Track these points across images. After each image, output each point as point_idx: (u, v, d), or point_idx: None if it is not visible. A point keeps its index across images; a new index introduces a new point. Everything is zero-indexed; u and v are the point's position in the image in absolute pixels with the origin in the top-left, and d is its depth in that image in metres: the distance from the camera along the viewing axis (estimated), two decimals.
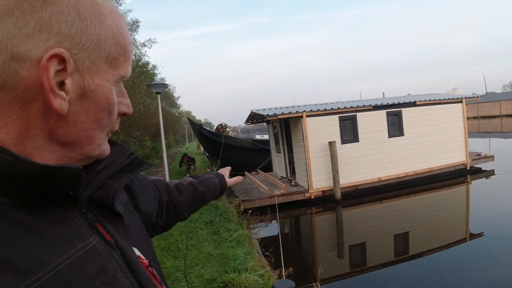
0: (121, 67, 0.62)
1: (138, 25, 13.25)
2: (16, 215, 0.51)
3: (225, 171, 1.54)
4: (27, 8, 0.50)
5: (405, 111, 12.50)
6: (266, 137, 20.37)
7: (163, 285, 0.86)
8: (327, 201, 11.37)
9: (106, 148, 0.65)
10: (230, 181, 1.49)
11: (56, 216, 0.56)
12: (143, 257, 0.74)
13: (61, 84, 0.53)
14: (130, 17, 13.15)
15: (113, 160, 0.70)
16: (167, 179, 11.60)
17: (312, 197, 11.38)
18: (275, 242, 6.99)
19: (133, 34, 13.27)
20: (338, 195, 11.16)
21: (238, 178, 1.55)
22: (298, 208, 11.12)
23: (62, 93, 0.53)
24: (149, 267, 0.74)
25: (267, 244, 7.35)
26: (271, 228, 9.80)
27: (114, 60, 0.61)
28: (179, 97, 48.57)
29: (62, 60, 0.52)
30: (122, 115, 0.67)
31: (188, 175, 10.84)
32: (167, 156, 12.13)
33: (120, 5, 11.14)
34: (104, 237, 0.63)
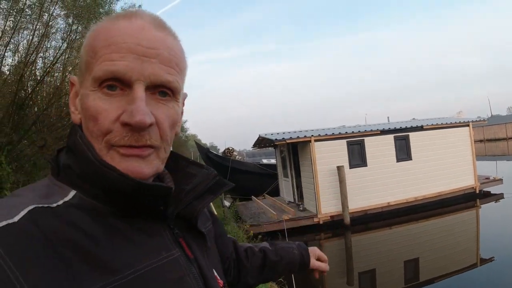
0: (93, 70, 0.62)
1: None
2: (114, 222, 0.61)
3: (316, 251, 1.35)
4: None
5: (412, 135, 12.77)
6: (273, 161, 20.57)
7: None
8: (336, 226, 11.49)
9: (116, 165, 0.61)
10: (315, 263, 1.31)
11: (147, 227, 0.65)
12: (219, 278, 0.81)
13: None
14: None
15: (200, 182, 0.77)
16: None
17: (321, 222, 11.52)
18: None
19: None
20: (347, 220, 11.32)
21: (325, 266, 1.35)
22: (306, 234, 11.21)
23: (72, 107, 0.69)
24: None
25: None
26: None
27: (89, 65, 0.64)
28: (186, 120, 49.89)
29: (74, 84, 0.70)
30: (125, 125, 0.61)
31: None
32: None
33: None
34: (186, 252, 0.70)
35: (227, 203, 13.52)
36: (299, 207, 12.69)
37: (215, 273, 0.79)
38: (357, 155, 12.24)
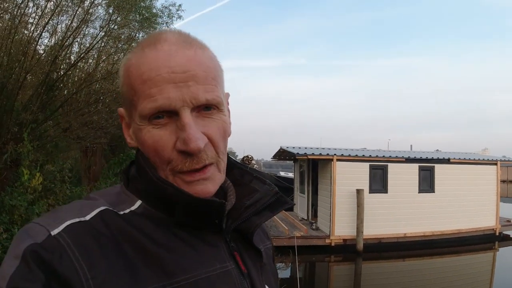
0: (137, 107, 0.66)
1: None
2: (174, 230, 0.66)
3: None
4: None
5: (438, 168, 12.62)
6: (290, 175, 20.52)
7: None
8: (347, 250, 11.39)
9: (192, 189, 0.65)
10: None
11: (206, 239, 0.68)
12: None
13: None
14: None
15: (261, 197, 0.77)
16: None
17: (333, 244, 11.46)
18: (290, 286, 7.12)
19: None
20: (360, 246, 11.21)
21: None
22: (316, 254, 11.19)
23: (128, 138, 0.73)
24: None
25: (281, 285, 7.40)
26: (285, 272, 9.83)
27: (133, 103, 0.67)
28: None
29: (123, 117, 0.74)
30: (182, 152, 0.64)
31: None
32: None
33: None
34: (239, 266, 0.71)
35: None
36: (312, 226, 12.63)
37: None
38: (379, 180, 12.15)
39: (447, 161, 12.79)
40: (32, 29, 7.64)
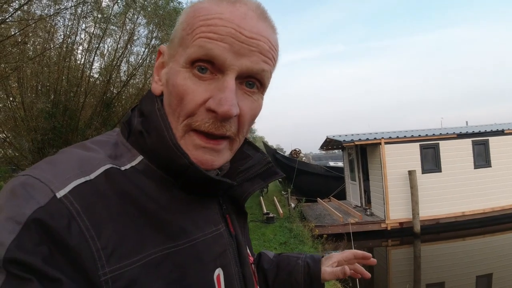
0: (188, 46, 0.65)
1: None
2: (176, 192, 0.67)
3: (335, 256, 1.14)
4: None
5: (492, 140, 12.48)
6: (340, 164, 20.76)
7: (258, 285, 0.97)
8: (404, 234, 11.58)
9: (195, 155, 0.66)
10: (327, 273, 1.08)
11: (203, 201, 0.72)
12: (250, 254, 0.89)
13: None
14: None
15: (253, 165, 0.82)
16: None
17: (389, 229, 11.69)
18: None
19: None
20: (417, 228, 11.38)
21: (344, 271, 1.07)
22: (372, 239, 11.45)
23: (156, 77, 0.72)
24: (252, 265, 0.89)
25: None
26: None
27: (183, 41, 0.66)
28: (255, 122, 53.03)
29: (162, 54, 0.74)
30: (210, 111, 0.64)
31: (261, 197, 11.57)
32: None
33: None
34: (229, 228, 0.77)
35: (292, 204, 14.09)
36: (366, 212, 12.89)
37: (248, 250, 0.87)
38: (431, 159, 12.19)
39: (501, 132, 12.59)
40: (85, 54, 8.57)
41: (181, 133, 0.66)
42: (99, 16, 8.06)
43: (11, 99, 8.05)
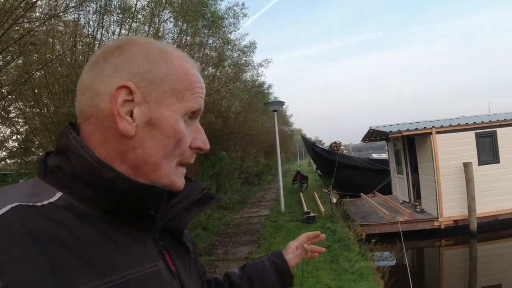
0: (186, 100, 0.75)
1: (256, 47, 14.50)
2: (102, 224, 0.66)
3: (294, 243, 1.30)
4: (109, 57, 0.72)
5: None
6: (383, 156, 20.16)
7: None
8: (459, 232, 10.99)
9: (177, 181, 0.76)
10: (292, 259, 1.24)
11: (134, 235, 0.71)
12: None
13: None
14: (247, 39, 14.85)
15: (187, 194, 0.84)
16: (281, 196, 12.45)
17: (442, 227, 11.13)
18: (401, 278, 7.17)
19: (250, 55, 14.74)
20: (474, 226, 10.75)
21: (304, 248, 1.26)
22: (424, 239, 10.96)
23: (129, 118, 0.69)
24: None
25: (390, 277, 7.37)
26: (391, 260, 9.76)
27: (180, 93, 0.74)
28: (291, 115, 54.16)
29: (130, 92, 0.69)
30: (197, 149, 0.78)
31: (300, 193, 11.41)
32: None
33: (238, 29, 12.44)
34: (168, 265, 0.76)
35: (334, 199, 13.68)
36: (416, 208, 12.35)
37: None
38: (488, 149, 11.46)
39: None
40: None
41: (174, 169, 0.75)
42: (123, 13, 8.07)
43: (40, 104, 8.16)
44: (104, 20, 8.08)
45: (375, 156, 26.17)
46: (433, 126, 11.37)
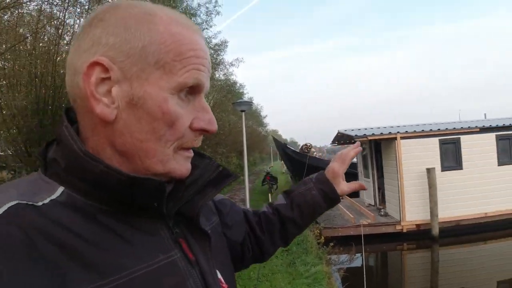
0: (177, 73, 0.65)
1: (227, 45, 14.60)
2: (105, 220, 0.61)
3: (336, 167, 1.31)
4: (87, 28, 0.64)
5: None
6: (353, 160, 20.53)
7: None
8: (421, 237, 11.23)
9: (178, 168, 0.68)
10: (345, 189, 1.27)
11: (144, 226, 0.66)
12: (223, 281, 0.81)
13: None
14: (219, 38, 14.96)
15: (201, 174, 0.77)
16: (247, 197, 12.55)
17: (404, 231, 11.39)
18: (357, 281, 7.32)
19: (221, 54, 14.82)
20: (436, 231, 11.04)
21: (359, 185, 1.36)
22: (386, 242, 11.18)
23: (104, 99, 0.62)
24: None
25: (347, 281, 7.58)
26: (354, 263, 9.87)
27: (167, 66, 0.64)
28: (266, 116, 55.01)
29: (105, 69, 0.61)
30: (201, 131, 0.69)
31: (269, 194, 11.52)
32: (252, 173, 13.02)
33: (211, 26, 12.48)
34: (186, 254, 0.70)
35: None
36: (380, 212, 12.62)
37: (220, 276, 0.80)
38: (451, 156, 11.83)
39: None
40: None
41: (171, 155, 0.67)
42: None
43: None
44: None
45: None
46: (398, 132, 11.69)
